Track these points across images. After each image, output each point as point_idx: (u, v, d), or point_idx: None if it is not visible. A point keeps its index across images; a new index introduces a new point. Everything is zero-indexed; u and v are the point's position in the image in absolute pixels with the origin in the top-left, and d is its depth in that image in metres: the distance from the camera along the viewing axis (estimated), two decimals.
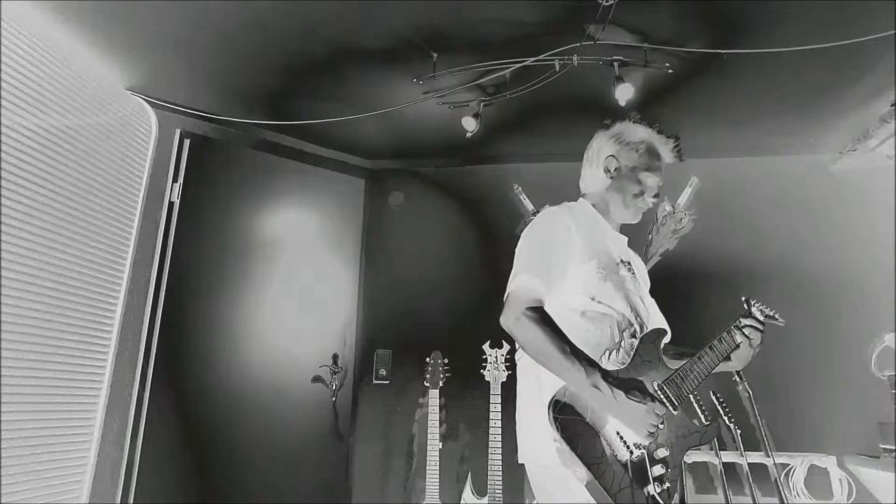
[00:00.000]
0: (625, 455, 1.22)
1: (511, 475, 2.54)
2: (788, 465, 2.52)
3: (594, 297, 1.37)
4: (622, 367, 1.30)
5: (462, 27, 2.09)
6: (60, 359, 2.03)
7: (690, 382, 1.38)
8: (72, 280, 2.09)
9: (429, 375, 2.76)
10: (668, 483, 1.23)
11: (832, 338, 2.73)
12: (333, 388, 2.83)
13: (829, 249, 2.86)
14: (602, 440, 1.20)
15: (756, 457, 2.47)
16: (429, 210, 3.32)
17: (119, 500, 2.23)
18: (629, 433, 1.24)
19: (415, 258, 3.25)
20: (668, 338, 1.45)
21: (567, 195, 1.64)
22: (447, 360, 2.80)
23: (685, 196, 3.08)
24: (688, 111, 2.68)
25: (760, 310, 1.51)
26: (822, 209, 2.93)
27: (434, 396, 2.71)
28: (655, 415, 1.23)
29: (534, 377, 1.36)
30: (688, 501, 2.60)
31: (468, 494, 2.61)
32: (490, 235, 3.19)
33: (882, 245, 2.79)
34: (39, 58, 1.98)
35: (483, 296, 2.90)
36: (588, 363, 1.22)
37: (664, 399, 1.31)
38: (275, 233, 2.86)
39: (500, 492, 2.48)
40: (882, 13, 1.91)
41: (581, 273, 1.38)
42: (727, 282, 2.83)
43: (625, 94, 2.18)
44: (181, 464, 2.41)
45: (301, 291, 2.88)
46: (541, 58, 2.18)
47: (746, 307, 1.52)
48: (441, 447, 2.64)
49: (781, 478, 2.43)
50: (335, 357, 2.88)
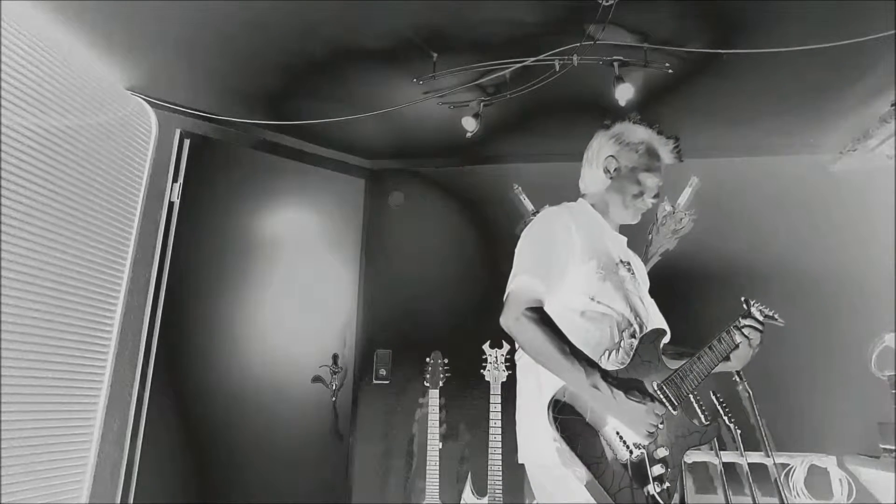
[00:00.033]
0: (624, 455, 1.22)
1: (511, 475, 2.54)
2: (788, 465, 2.52)
3: (594, 298, 1.37)
4: (622, 368, 1.30)
5: (462, 27, 2.09)
6: (60, 359, 2.04)
7: (690, 382, 1.38)
8: (72, 280, 2.09)
9: (429, 375, 2.76)
10: (668, 483, 1.23)
11: (832, 338, 2.73)
12: (333, 388, 2.83)
13: (829, 249, 2.86)
14: (602, 440, 1.20)
15: (756, 457, 2.47)
16: (429, 210, 3.32)
17: (119, 500, 2.23)
18: (629, 433, 1.24)
19: (415, 258, 3.24)
20: (668, 338, 1.45)
21: (567, 195, 1.64)
22: (447, 360, 2.80)
23: (685, 196, 3.07)
24: (688, 111, 2.68)
25: (760, 310, 1.51)
26: (822, 209, 2.93)
27: (434, 396, 2.71)
28: (655, 415, 1.23)
29: (534, 377, 1.36)
30: (688, 501, 2.60)
31: (468, 494, 2.61)
32: (490, 235, 3.19)
33: (882, 245, 2.79)
34: (39, 58, 1.98)
35: (483, 296, 2.90)
36: (588, 363, 1.22)
37: (664, 399, 1.30)
38: (275, 233, 2.86)
39: (500, 492, 2.48)
40: (882, 13, 1.91)
41: (581, 273, 1.38)
42: (727, 282, 2.83)
43: (625, 94, 2.18)
44: (181, 464, 2.41)
45: (301, 291, 2.88)
46: (541, 58, 2.18)
47: (746, 307, 1.52)
48: (441, 447, 2.64)
49: (781, 478, 2.43)
50: (335, 357, 2.88)
